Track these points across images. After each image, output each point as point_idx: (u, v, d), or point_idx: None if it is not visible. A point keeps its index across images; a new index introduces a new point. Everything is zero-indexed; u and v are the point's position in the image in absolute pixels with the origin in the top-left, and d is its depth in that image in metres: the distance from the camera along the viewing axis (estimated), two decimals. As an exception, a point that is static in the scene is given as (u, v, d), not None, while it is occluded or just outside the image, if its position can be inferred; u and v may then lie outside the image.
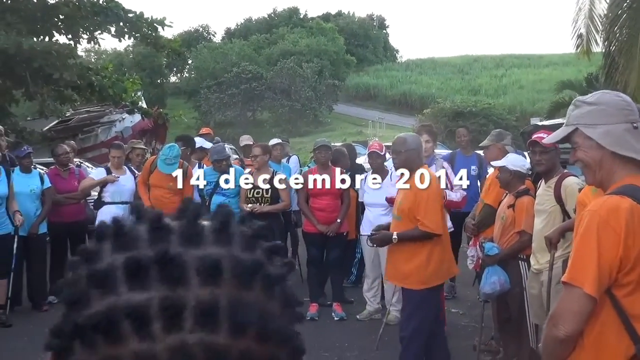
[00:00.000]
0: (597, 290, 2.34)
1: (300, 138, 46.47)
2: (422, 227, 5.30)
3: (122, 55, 67.88)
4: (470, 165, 8.23)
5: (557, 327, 2.42)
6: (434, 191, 5.43)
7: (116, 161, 8.29)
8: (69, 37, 13.94)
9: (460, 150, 8.75)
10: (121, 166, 8.30)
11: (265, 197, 7.74)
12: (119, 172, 8.19)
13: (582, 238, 2.43)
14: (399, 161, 5.55)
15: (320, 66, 61.03)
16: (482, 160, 8.25)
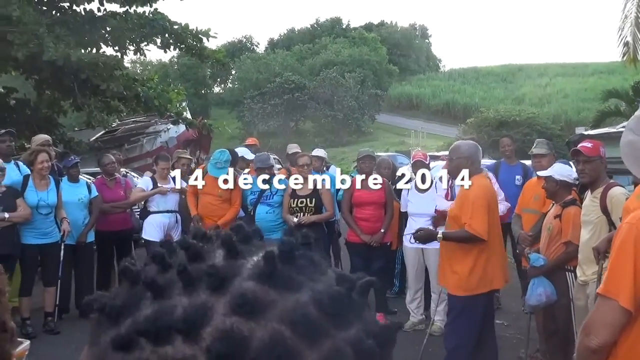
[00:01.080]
0: (632, 304, 2.32)
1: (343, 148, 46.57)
2: (470, 230, 5.28)
3: (167, 67, 68.80)
4: (515, 175, 8.16)
5: (589, 337, 2.41)
6: (481, 195, 5.41)
7: (164, 172, 8.42)
8: (116, 48, 14.13)
9: (505, 160, 8.66)
10: (167, 177, 8.40)
11: (310, 207, 7.76)
12: (164, 183, 8.29)
13: (618, 250, 2.41)
14: (450, 168, 5.58)
15: (362, 76, 61.08)
16: (527, 169, 8.18)
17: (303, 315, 0.58)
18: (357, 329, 0.61)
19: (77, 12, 13.35)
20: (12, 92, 15.15)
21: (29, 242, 7.25)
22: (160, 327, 0.57)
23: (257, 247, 0.67)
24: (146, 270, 0.65)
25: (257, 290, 0.59)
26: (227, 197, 7.95)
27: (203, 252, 0.65)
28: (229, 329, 0.56)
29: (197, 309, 0.58)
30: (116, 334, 0.60)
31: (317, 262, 0.67)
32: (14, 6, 10.31)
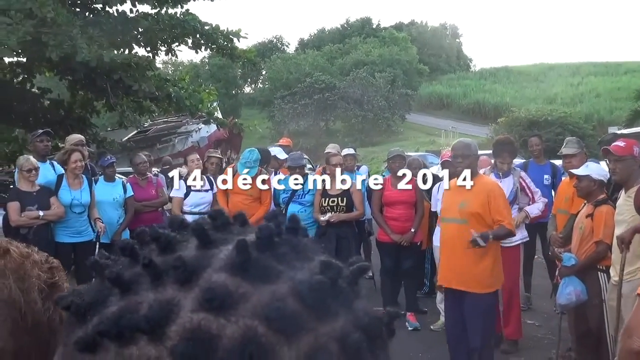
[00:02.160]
0: None
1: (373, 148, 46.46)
2: (509, 226, 5.37)
3: (198, 67, 69.15)
4: (544, 175, 8.12)
5: (632, 339, 2.38)
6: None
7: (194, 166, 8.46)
8: (148, 49, 14.24)
9: (533, 159, 8.62)
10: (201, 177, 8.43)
11: (341, 206, 7.78)
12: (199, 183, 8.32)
13: None
14: (466, 165, 5.55)
15: (392, 76, 60.85)
16: (556, 169, 8.14)
17: (278, 309, 0.53)
18: (344, 321, 0.57)
19: (110, 14, 13.47)
20: (46, 93, 15.37)
21: (62, 241, 7.35)
22: (123, 326, 0.53)
23: (235, 234, 0.63)
24: (114, 264, 0.61)
25: (229, 282, 0.55)
26: (258, 195, 7.99)
27: (174, 243, 0.61)
28: (195, 327, 0.52)
29: (162, 305, 0.54)
30: (81, 334, 0.56)
31: (301, 249, 0.62)
32: (49, 8, 10.44)
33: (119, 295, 0.57)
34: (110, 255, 0.65)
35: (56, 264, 1.17)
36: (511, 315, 6.80)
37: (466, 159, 5.55)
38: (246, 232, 0.64)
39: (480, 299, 5.47)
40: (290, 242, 0.62)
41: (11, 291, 1.06)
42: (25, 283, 1.09)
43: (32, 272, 1.11)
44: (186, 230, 0.65)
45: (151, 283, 0.56)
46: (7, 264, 1.09)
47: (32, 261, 1.13)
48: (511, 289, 6.75)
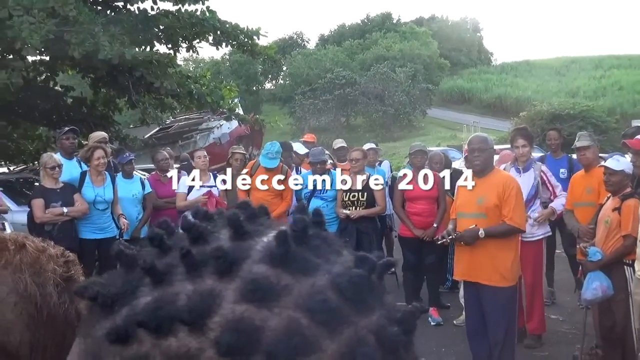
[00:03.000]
0: None
1: (394, 143, 46.37)
2: (511, 222, 5.32)
3: (219, 64, 69.37)
4: (560, 168, 8.06)
5: None
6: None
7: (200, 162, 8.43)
8: (169, 46, 14.31)
9: (550, 153, 8.58)
10: (206, 173, 8.44)
11: (361, 201, 7.77)
12: (205, 180, 8.31)
13: None
14: (483, 159, 5.52)
15: (413, 70, 60.70)
16: (572, 162, 8.10)
17: (321, 301, 0.53)
18: (379, 314, 0.57)
19: (131, 11, 13.55)
20: (69, 91, 15.52)
21: (86, 237, 7.41)
22: (162, 317, 0.52)
23: (265, 226, 0.63)
24: (143, 254, 0.60)
25: (270, 274, 0.55)
26: (279, 191, 8.01)
27: (207, 233, 0.60)
28: (239, 318, 0.51)
29: (203, 296, 0.53)
30: (112, 325, 0.55)
31: (331, 242, 0.62)
32: (71, 6, 10.51)
33: (150, 285, 0.56)
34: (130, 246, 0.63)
35: (72, 258, 1.17)
36: (534, 310, 6.76)
37: (483, 153, 5.52)
38: (274, 223, 0.64)
39: (499, 292, 5.44)
40: (320, 235, 0.62)
41: (27, 285, 1.06)
42: (41, 277, 1.09)
43: (48, 266, 1.11)
44: (213, 221, 0.63)
45: (187, 274, 0.55)
46: (23, 258, 1.09)
47: (47, 255, 1.13)
48: (534, 284, 6.71)
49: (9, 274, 1.06)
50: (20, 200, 10.03)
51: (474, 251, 5.55)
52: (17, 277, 1.07)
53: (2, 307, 1.03)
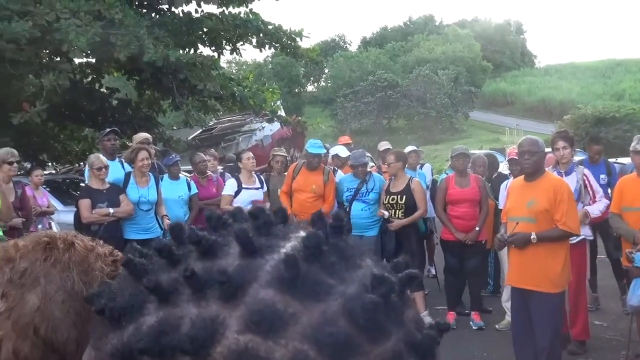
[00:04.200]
0: None
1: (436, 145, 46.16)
2: (564, 227, 5.22)
3: (262, 66, 69.77)
4: (599, 174, 7.93)
5: None
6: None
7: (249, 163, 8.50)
8: (213, 48, 14.43)
9: (588, 158, 8.48)
10: (252, 176, 8.47)
11: (400, 204, 7.72)
12: (250, 183, 8.35)
13: None
14: (533, 162, 5.45)
15: (456, 73, 60.36)
16: (610, 167, 8.00)
17: (330, 333, 0.50)
18: (396, 339, 0.54)
19: (175, 14, 13.69)
20: (114, 93, 15.75)
21: (131, 238, 7.45)
22: (165, 345, 0.51)
23: (280, 237, 0.59)
24: (151, 268, 0.58)
25: (277, 300, 0.51)
26: (321, 193, 8.03)
27: (216, 248, 0.57)
28: (242, 350, 0.49)
29: (206, 323, 0.51)
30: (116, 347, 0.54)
31: (349, 254, 0.58)
32: (117, 9, 10.66)
33: (156, 303, 0.55)
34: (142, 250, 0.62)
35: (120, 257, 1.18)
36: (578, 316, 6.65)
37: (533, 155, 5.44)
38: (290, 232, 0.60)
39: (548, 298, 5.36)
40: (338, 248, 0.58)
41: (74, 283, 1.08)
42: (89, 275, 1.10)
43: (96, 265, 1.13)
44: (225, 230, 0.61)
45: (192, 295, 0.53)
46: (72, 256, 1.11)
47: (95, 254, 1.15)
48: (577, 289, 6.60)
49: (57, 272, 1.08)
50: (67, 200, 10.19)
51: (523, 256, 5.48)
52: (65, 276, 1.08)
53: (50, 304, 1.05)
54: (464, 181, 7.66)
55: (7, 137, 13.74)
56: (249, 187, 8.29)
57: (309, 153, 8.26)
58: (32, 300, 1.05)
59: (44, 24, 9.91)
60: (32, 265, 1.09)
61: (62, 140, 16.52)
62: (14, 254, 1.10)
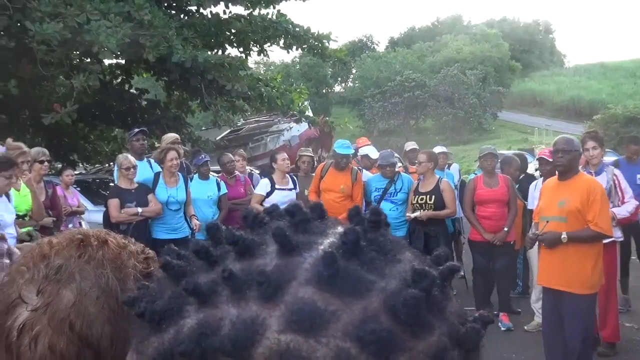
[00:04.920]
0: None
1: (464, 146, 45.93)
2: (596, 228, 5.17)
3: (289, 67, 69.76)
4: (636, 174, 7.84)
5: None
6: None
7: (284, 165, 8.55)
8: (241, 50, 14.50)
9: (625, 158, 8.37)
10: (285, 177, 8.50)
11: (429, 204, 7.71)
12: (283, 184, 8.39)
13: None
14: (566, 160, 5.41)
15: (484, 73, 59.97)
16: None
17: (372, 330, 0.49)
18: (439, 334, 0.53)
19: (204, 15, 13.79)
20: (143, 93, 15.90)
21: (159, 237, 7.52)
22: (205, 348, 0.51)
23: (318, 234, 0.58)
24: (189, 270, 0.58)
25: (317, 298, 0.51)
26: (349, 193, 8.05)
27: (253, 247, 0.57)
28: (284, 350, 0.49)
29: (246, 324, 0.50)
30: (157, 350, 0.54)
31: (388, 249, 0.58)
32: (146, 11, 10.75)
33: (196, 305, 0.54)
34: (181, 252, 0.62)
35: (152, 255, 1.20)
36: (608, 317, 6.59)
37: (567, 154, 5.40)
38: (327, 228, 0.60)
39: (579, 299, 5.32)
40: (377, 243, 0.57)
41: (108, 280, 1.10)
42: (122, 272, 1.12)
43: (129, 262, 1.14)
44: (262, 229, 0.61)
45: (232, 295, 0.53)
46: (105, 254, 1.13)
47: (128, 252, 1.17)
48: (608, 290, 6.54)
49: (91, 269, 1.10)
50: (97, 200, 10.30)
51: (553, 256, 5.45)
52: (99, 272, 1.10)
53: (85, 300, 1.07)
54: (492, 181, 7.63)
55: (38, 137, 13.96)
56: (282, 188, 8.33)
57: (337, 153, 8.29)
58: (68, 297, 1.07)
59: (74, 25, 10.03)
60: (66, 262, 1.10)
61: (92, 140, 16.69)
62: (48, 251, 1.12)
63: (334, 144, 8.89)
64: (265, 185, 8.38)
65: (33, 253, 1.13)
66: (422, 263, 0.57)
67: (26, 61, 10.99)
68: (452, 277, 0.60)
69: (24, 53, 10.67)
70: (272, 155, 9.21)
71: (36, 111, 12.94)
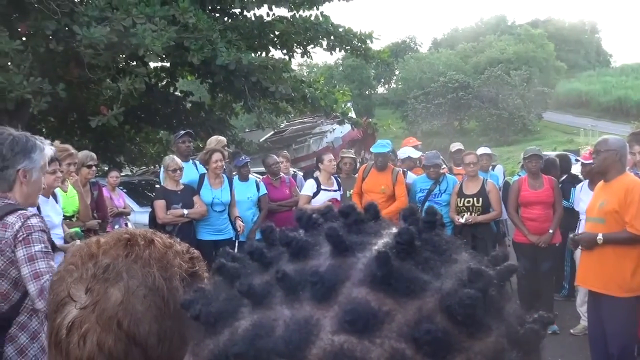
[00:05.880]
0: None
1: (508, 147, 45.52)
2: (632, 230, 5.06)
3: (332, 68, 69.95)
4: None
5: None
6: None
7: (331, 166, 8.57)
8: (284, 51, 14.55)
9: None
10: (331, 178, 8.51)
11: (477, 207, 7.66)
12: (329, 185, 8.40)
13: None
14: (596, 162, 5.33)
15: (528, 73, 59.37)
16: None
17: (427, 330, 0.48)
18: (497, 335, 0.52)
19: (247, 18, 13.86)
20: (188, 96, 16.06)
21: (204, 238, 7.56)
22: (259, 349, 0.50)
23: (372, 234, 0.58)
24: (244, 271, 0.58)
25: (371, 299, 0.50)
26: (390, 193, 8.03)
27: (307, 248, 0.56)
28: (338, 351, 0.48)
29: (300, 325, 0.50)
30: (212, 352, 0.54)
31: (443, 249, 0.57)
32: (190, 14, 10.86)
33: (250, 306, 0.54)
34: (235, 255, 0.62)
35: (197, 255, 1.22)
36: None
37: (599, 154, 5.32)
38: (381, 228, 0.59)
39: (617, 302, 5.22)
40: (432, 243, 0.57)
41: (155, 279, 1.11)
42: (168, 272, 1.13)
43: (174, 262, 1.15)
44: (316, 230, 0.60)
45: (285, 297, 0.52)
46: (152, 253, 1.14)
47: (174, 251, 1.18)
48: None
49: (138, 268, 1.11)
50: (142, 201, 10.41)
51: (591, 257, 5.37)
52: (146, 271, 1.11)
53: (133, 299, 1.08)
54: (537, 183, 7.54)
55: (86, 139, 14.19)
56: (327, 189, 8.34)
57: (374, 153, 8.30)
58: (115, 295, 1.08)
59: (120, 29, 10.16)
60: (114, 261, 1.12)
61: (138, 142, 16.92)
62: (96, 250, 1.14)
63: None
64: (312, 186, 8.40)
65: (81, 252, 1.15)
66: (479, 263, 0.56)
67: (74, 65, 11.19)
68: (510, 277, 0.59)
69: (72, 57, 10.86)
70: (319, 156, 9.22)
71: (84, 114, 13.16)
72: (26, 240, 2.92)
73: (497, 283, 0.55)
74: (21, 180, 3.05)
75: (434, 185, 8.02)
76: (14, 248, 2.90)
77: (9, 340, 2.93)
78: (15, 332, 2.95)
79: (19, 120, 10.04)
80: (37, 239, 2.94)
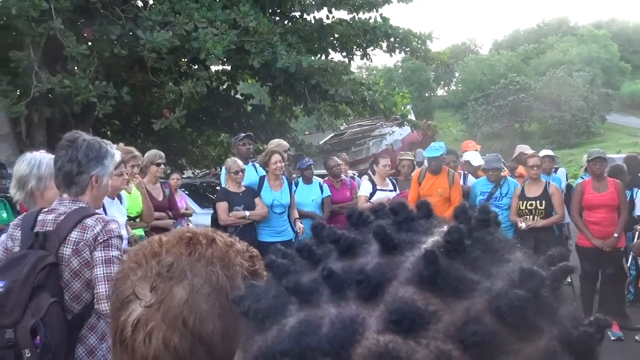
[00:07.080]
0: None
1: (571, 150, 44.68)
2: None
3: (392, 71, 69.74)
4: None
5: None
6: None
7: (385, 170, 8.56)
8: (344, 54, 14.56)
9: None
10: (385, 178, 8.50)
11: (539, 210, 7.54)
12: (384, 185, 8.39)
13: None
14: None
15: (592, 75, 58.14)
16: None
17: (475, 331, 0.47)
18: (549, 338, 0.50)
19: (307, 21, 13.91)
20: (248, 99, 16.22)
21: (264, 240, 7.60)
22: (305, 346, 0.49)
23: (422, 232, 0.57)
24: (293, 269, 0.57)
25: (417, 298, 0.49)
26: (447, 196, 7.98)
27: (355, 246, 0.55)
28: (383, 350, 0.47)
29: (345, 324, 0.49)
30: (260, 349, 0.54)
31: (495, 248, 0.55)
32: (251, 17, 10.96)
33: (298, 304, 0.53)
34: (286, 252, 0.61)
35: (256, 253, 1.22)
36: None
37: None
38: (432, 227, 0.58)
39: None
40: (483, 242, 0.55)
41: (218, 277, 1.12)
42: (230, 270, 1.14)
43: (236, 260, 1.16)
44: (366, 228, 0.59)
45: (332, 295, 0.52)
46: (214, 252, 1.15)
47: (235, 250, 1.19)
48: None
49: (202, 267, 1.13)
50: (203, 203, 10.53)
51: None
52: (209, 270, 1.13)
53: (197, 297, 1.10)
54: (601, 186, 7.38)
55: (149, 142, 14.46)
56: (383, 189, 8.36)
57: (426, 157, 8.25)
58: (180, 293, 1.09)
59: (183, 33, 10.33)
60: (177, 260, 1.13)
61: (200, 145, 17.16)
62: (159, 249, 1.16)
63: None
64: (368, 187, 8.43)
65: (144, 251, 1.17)
66: (533, 263, 0.55)
67: (138, 68, 11.43)
68: (565, 278, 0.57)
69: (135, 61, 11.08)
70: (375, 158, 9.21)
71: (147, 117, 13.40)
72: (106, 243, 2.98)
73: (550, 284, 0.53)
74: (93, 185, 3.12)
75: (495, 189, 7.94)
76: (93, 249, 2.96)
77: (79, 341, 2.99)
78: (85, 333, 3.01)
79: (84, 123, 10.31)
80: (115, 245, 3.02)
